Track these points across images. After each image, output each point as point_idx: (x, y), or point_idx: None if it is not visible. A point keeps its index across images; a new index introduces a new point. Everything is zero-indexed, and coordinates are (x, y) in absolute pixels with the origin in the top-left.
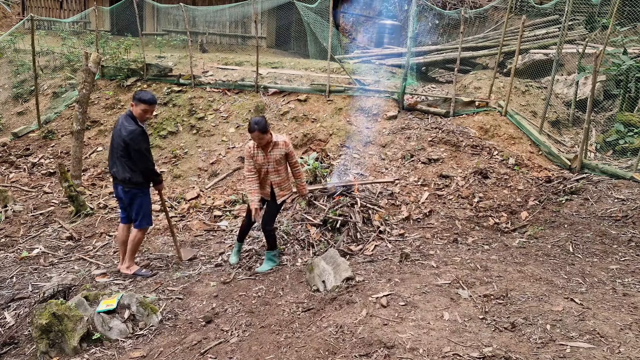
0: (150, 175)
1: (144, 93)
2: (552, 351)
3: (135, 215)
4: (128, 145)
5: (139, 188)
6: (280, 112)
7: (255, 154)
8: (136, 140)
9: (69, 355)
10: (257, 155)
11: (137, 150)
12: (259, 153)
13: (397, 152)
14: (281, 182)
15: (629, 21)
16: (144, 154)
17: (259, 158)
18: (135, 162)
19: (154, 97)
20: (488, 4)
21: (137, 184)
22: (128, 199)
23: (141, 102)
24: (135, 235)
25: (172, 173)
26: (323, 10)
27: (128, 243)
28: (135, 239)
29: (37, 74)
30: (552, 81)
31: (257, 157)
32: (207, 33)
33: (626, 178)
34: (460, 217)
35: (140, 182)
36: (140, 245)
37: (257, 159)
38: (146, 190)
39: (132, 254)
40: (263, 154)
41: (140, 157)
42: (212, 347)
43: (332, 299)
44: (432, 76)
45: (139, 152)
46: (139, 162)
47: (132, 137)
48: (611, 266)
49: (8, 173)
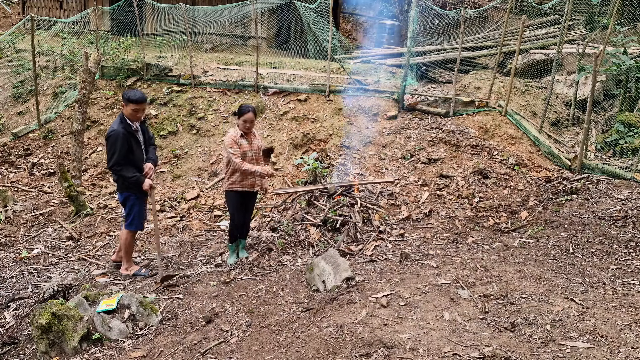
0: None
1: (132, 92)
2: (552, 351)
3: (125, 216)
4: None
5: (127, 191)
6: (280, 112)
7: (240, 142)
8: (111, 140)
9: (69, 355)
10: (241, 143)
11: (109, 151)
12: (243, 141)
13: (397, 152)
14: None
15: (629, 21)
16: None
17: (244, 145)
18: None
19: (143, 96)
20: (488, 4)
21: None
22: (122, 200)
23: (130, 101)
24: (124, 235)
25: (172, 173)
26: (323, 10)
27: (121, 245)
28: (124, 239)
29: (37, 74)
30: (552, 81)
31: (241, 144)
32: (207, 33)
33: (626, 178)
34: (460, 217)
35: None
36: (132, 246)
37: (242, 146)
38: (136, 195)
39: (128, 255)
40: (247, 141)
41: (111, 157)
42: (212, 347)
43: (332, 299)
44: (432, 76)
45: (112, 152)
46: (108, 161)
47: (109, 136)
48: (611, 266)
49: (8, 173)
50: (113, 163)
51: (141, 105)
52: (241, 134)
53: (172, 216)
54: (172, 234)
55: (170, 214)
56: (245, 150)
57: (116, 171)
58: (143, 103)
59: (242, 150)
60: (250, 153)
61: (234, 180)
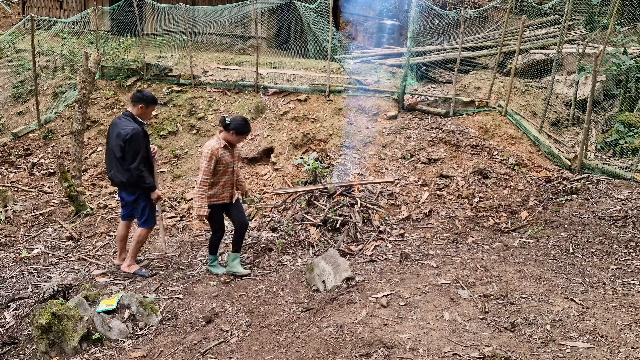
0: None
1: (146, 92)
2: (552, 351)
3: (140, 215)
4: (126, 145)
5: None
6: (280, 112)
7: (222, 155)
8: (134, 140)
9: (69, 355)
10: (223, 155)
11: (131, 151)
12: (226, 153)
13: (397, 152)
14: (240, 180)
15: (629, 21)
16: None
17: (226, 157)
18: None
19: (155, 97)
20: (488, 4)
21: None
22: (132, 199)
23: (154, 102)
24: (140, 233)
25: (172, 173)
26: (323, 10)
27: (132, 240)
28: (139, 237)
29: (37, 74)
30: (552, 81)
31: (223, 157)
32: (207, 33)
33: (626, 178)
34: (460, 217)
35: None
36: (141, 244)
37: (224, 159)
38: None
39: (134, 253)
40: (229, 153)
41: (133, 157)
42: (212, 347)
43: (332, 299)
44: (432, 76)
45: (134, 152)
46: (131, 161)
47: (130, 136)
48: (611, 266)
49: (8, 173)
50: (137, 163)
51: (154, 105)
52: (225, 144)
53: (172, 216)
54: (172, 234)
55: (170, 214)
56: (228, 163)
57: (139, 171)
58: (155, 104)
59: (224, 162)
60: (231, 165)
61: (213, 194)
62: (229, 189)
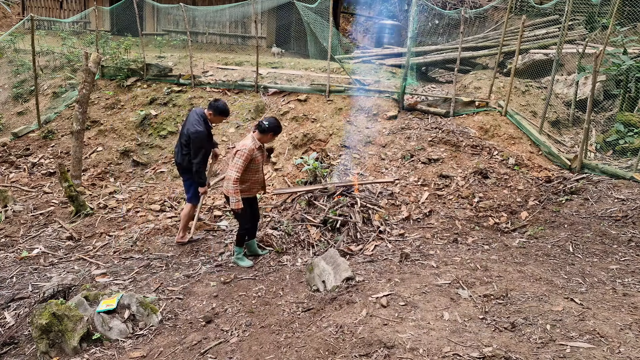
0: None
1: (218, 103)
2: (552, 351)
3: (187, 194)
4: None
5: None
6: (280, 112)
7: (256, 155)
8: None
9: (69, 355)
10: (257, 155)
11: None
12: (259, 153)
13: (397, 152)
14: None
15: (629, 21)
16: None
17: (259, 157)
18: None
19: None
20: (488, 4)
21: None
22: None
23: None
24: (186, 209)
25: (172, 173)
26: (323, 10)
27: (181, 216)
28: (185, 211)
29: (37, 74)
30: (552, 81)
31: (257, 157)
32: (207, 33)
33: (626, 178)
34: (460, 217)
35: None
36: (189, 218)
37: (257, 159)
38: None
39: (184, 226)
40: (261, 153)
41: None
42: (212, 347)
43: (332, 299)
44: (432, 76)
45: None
46: (194, 157)
47: (196, 136)
48: (611, 266)
49: (8, 173)
50: (199, 161)
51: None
52: (259, 145)
53: (172, 216)
54: (172, 234)
55: (170, 214)
56: (259, 162)
57: (199, 167)
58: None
59: (257, 162)
60: (261, 165)
61: (242, 189)
62: (257, 186)
